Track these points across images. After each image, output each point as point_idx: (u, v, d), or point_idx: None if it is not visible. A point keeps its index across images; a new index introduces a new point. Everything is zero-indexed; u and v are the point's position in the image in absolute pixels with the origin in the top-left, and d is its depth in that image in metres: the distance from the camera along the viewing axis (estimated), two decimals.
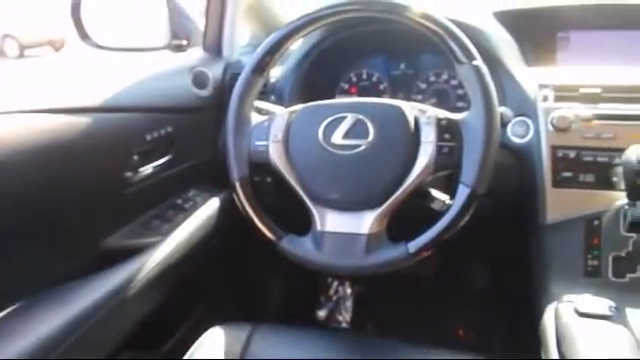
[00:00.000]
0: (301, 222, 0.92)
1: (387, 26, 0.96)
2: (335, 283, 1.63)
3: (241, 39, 1.38)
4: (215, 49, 1.30)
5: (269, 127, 0.94)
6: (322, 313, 1.60)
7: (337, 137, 0.89)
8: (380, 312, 1.61)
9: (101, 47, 1.13)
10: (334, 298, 1.63)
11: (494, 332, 1.44)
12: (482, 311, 1.52)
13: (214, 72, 1.23)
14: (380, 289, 1.62)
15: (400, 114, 0.88)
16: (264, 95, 1.17)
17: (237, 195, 0.93)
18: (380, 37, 1.21)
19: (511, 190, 1.07)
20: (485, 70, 0.85)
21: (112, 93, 0.96)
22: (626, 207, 0.93)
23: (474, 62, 0.85)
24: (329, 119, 0.90)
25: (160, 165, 1.08)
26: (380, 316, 1.60)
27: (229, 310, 1.38)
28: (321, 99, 0.96)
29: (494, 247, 1.38)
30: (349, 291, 1.63)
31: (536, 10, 1.28)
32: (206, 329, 0.97)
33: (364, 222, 0.86)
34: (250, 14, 1.36)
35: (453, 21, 0.88)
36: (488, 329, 1.46)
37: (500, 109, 0.95)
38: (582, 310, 0.85)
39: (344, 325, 1.60)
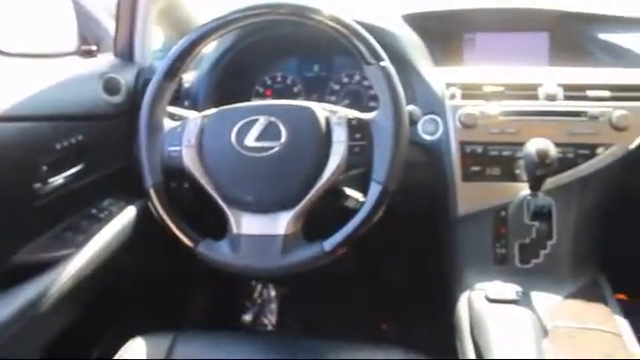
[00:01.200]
0: (219, 226, 0.92)
1: (300, 29, 0.98)
2: (259, 286, 1.63)
3: (154, 44, 1.35)
4: (127, 54, 1.27)
5: (182, 132, 0.93)
6: (247, 317, 1.60)
7: (250, 140, 0.89)
8: (305, 312, 1.62)
9: (3, 53, 1.08)
10: (259, 301, 1.63)
11: (416, 325, 1.48)
12: (404, 305, 1.56)
13: (126, 78, 1.20)
14: (304, 290, 1.63)
15: (311, 115, 0.90)
16: (178, 100, 1.17)
17: (152, 202, 0.92)
18: (293, 40, 1.23)
19: (424, 185, 1.11)
20: (392, 70, 0.88)
21: (15, 101, 0.93)
22: (529, 197, 0.99)
23: (381, 63, 0.88)
24: (241, 122, 0.90)
25: (72, 175, 1.05)
26: (305, 316, 1.61)
27: (151, 320, 1.35)
28: (237, 103, 0.96)
29: (412, 242, 1.43)
30: (273, 293, 1.63)
31: (443, 13, 1.33)
32: (127, 341, 0.95)
33: (280, 223, 0.87)
34: (162, 18, 1.34)
35: (361, 23, 0.91)
36: (411, 322, 1.51)
37: (408, 108, 0.99)
38: (492, 297, 0.90)
39: (270, 328, 1.61)
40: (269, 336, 1.12)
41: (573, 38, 1.28)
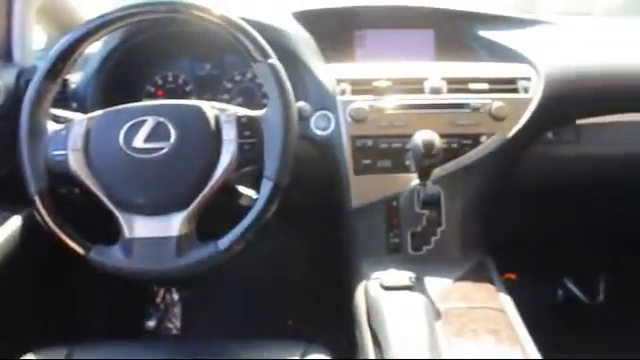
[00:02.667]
0: (112, 231, 0.89)
1: (189, 27, 0.97)
2: (161, 291, 1.60)
3: (37, 43, 1.28)
4: (5, 55, 1.19)
5: (67, 135, 0.89)
6: (151, 323, 1.56)
7: (138, 141, 0.87)
8: (210, 314, 1.60)
9: None
10: (162, 306, 1.59)
11: (321, 318, 1.50)
12: (308, 299, 1.58)
13: (5, 80, 1.13)
14: (208, 291, 1.61)
15: (200, 114, 0.89)
16: (66, 103, 1.11)
17: (37, 210, 0.88)
18: (183, 38, 1.21)
19: (319, 180, 1.13)
20: (280, 67, 0.90)
21: None
22: (418, 187, 1.03)
23: (269, 60, 0.89)
24: (129, 123, 0.88)
25: None
26: (210, 318, 1.59)
27: (46, 334, 1.28)
28: (126, 104, 0.94)
29: (312, 236, 1.45)
30: (176, 297, 1.60)
31: (334, 10, 1.36)
32: (19, 358, 0.90)
33: (173, 224, 0.86)
34: (43, 15, 1.28)
35: (249, 21, 0.91)
36: (315, 316, 1.53)
37: (298, 104, 1.00)
38: (386, 284, 0.93)
39: (175, 332, 1.58)
40: (172, 341, 1.09)
41: (456, 35, 1.35)
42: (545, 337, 0.91)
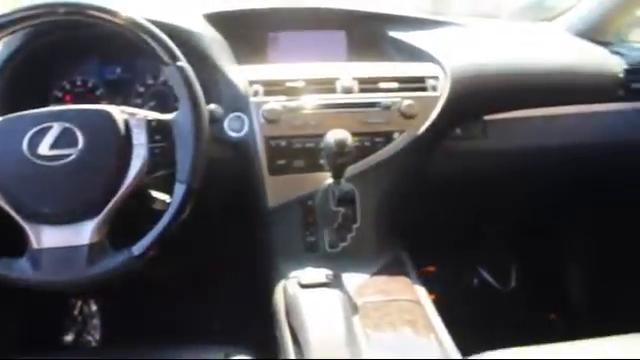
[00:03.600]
0: (18, 243, 0.85)
1: (97, 30, 0.94)
2: (79, 303, 1.54)
3: None
4: None
5: None
6: (69, 337, 1.50)
7: (44, 148, 0.84)
8: (131, 323, 1.56)
9: None
10: (79, 319, 1.53)
11: (243, 319, 1.49)
12: (230, 301, 1.57)
13: None
14: (128, 300, 1.57)
15: (109, 119, 0.87)
16: None
17: None
18: (91, 41, 1.17)
19: (235, 182, 1.12)
20: (189, 70, 0.89)
21: None
22: (333, 185, 1.04)
23: (178, 63, 0.88)
24: (34, 130, 0.85)
25: None
26: (131, 328, 1.55)
27: None
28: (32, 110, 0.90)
29: (231, 238, 1.44)
30: (95, 308, 1.55)
31: (246, 12, 1.35)
32: None
33: (83, 233, 0.84)
34: None
35: (157, 23, 0.90)
36: (238, 317, 1.51)
37: (210, 106, 1.00)
38: (304, 282, 0.93)
39: (94, 344, 1.52)
40: (92, 353, 1.06)
41: (367, 36, 1.38)
42: (461, 324, 0.95)
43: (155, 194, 0.93)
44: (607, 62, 1.33)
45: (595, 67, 1.32)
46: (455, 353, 0.87)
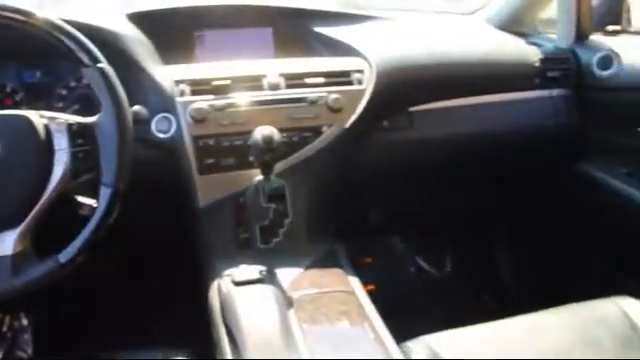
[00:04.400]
0: None
1: (14, 32, 0.91)
2: (7, 318, 1.48)
3: None
4: None
5: None
6: None
7: None
8: (64, 334, 1.51)
9: None
10: (9, 335, 1.47)
11: (182, 321, 1.48)
12: (168, 304, 1.54)
13: None
14: (59, 310, 1.52)
15: (28, 124, 0.84)
16: None
17: None
18: (9, 44, 1.13)
19: (164, 182, 1.11)
20: (110, 71, 0.87)
21: None
22: (263, 182, 1.04)
23: (99, 65, 0.86)
24: None
25: None
26: (65, 338, 1.50)
27: None
28: None
29: (165, 239, 1.42)
30: (25, 322, 1.49)
31: (171, 11, 1.34)
32: None
33: (5, 243, 0.81)
34: None
35: (77, 23, 0.88)
36: (176, 320, 1.50)
37: (134, 108, 0.98)
38: (238, 280, 0.93)
39: None
40: None
41: (294, 32, 1.39)
42: (399, 312, 0.97)
43: (81, 199, 0.90)
44: (524, 52, 1.40)
45: (513, 57, 1.38)
46: (389, 339, 0.90)
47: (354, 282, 1.02)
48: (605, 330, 1.00)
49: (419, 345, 0.94)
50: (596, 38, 1.43)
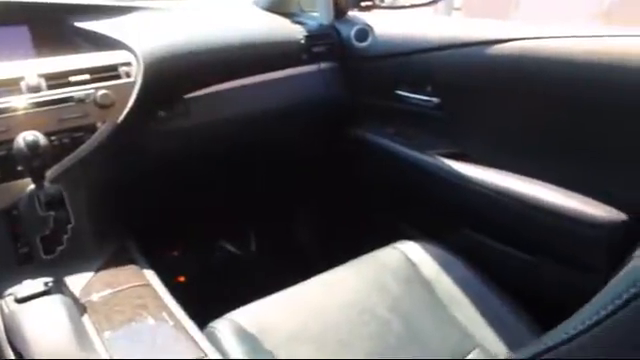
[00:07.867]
0: None
1: None
2: None
3: None
4: None
5: None
6: None
7: None
8: None
9: None
10: None
11: None
12: None
13: None
14: None
15: None
16: None
17: None
18: None
19: None
20: None
21: None
22: (36, 190, 0.99)
23: None
24: None
25: None
26: None
27: None
28: None
29: None
30: None
31: None
32: None
33: None
34: None
35: None
36: None
37: None
38: (20, 296, 0.88)
39: None
40: None
41: (53, 29, 1.31)
42: (208, 296, 0.99)
43: None
44: (290, 31, 1.48)
45: (280, 36, 1.45)
46: (190, 323, 0.92)
47: (149, 275, 1.03)
48: (390, 273, 1.13)
49: (223, 323, 0.98)
50: (353, 14, 1.57)
